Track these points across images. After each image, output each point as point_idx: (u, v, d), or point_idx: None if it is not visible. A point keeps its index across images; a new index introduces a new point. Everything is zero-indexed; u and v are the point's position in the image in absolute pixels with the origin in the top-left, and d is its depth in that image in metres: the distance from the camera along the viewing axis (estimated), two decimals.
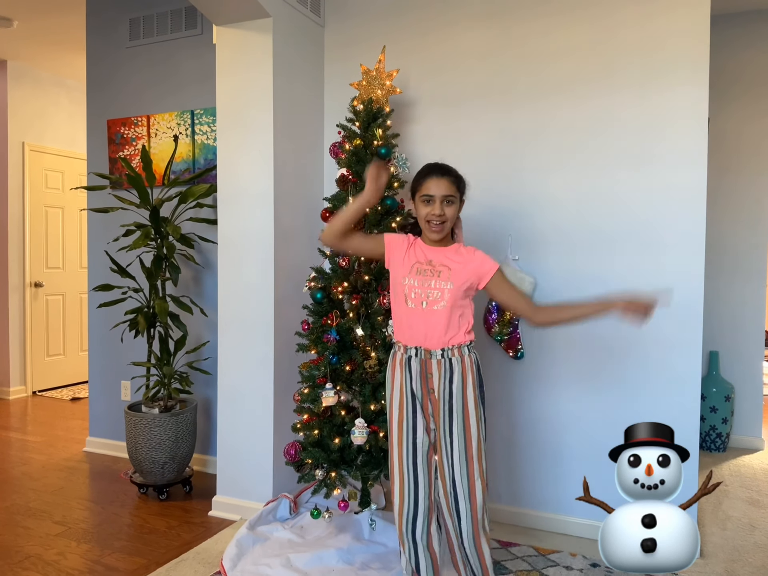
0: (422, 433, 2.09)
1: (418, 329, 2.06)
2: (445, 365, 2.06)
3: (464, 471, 2.05)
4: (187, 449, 3.26)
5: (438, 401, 2.06)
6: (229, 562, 2.48)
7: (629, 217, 2.72)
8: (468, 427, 2.05)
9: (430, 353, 2.05)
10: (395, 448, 2.11)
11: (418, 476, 2.09)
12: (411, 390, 2.08)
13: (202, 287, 3.70)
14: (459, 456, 2.04)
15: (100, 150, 3.99)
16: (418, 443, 2.09)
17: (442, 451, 2.07)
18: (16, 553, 2.64)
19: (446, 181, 2.06)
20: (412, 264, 2.09)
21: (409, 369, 2.08)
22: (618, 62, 2.72)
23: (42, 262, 5.62)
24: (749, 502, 3.23)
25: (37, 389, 5.59)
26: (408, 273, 2.08)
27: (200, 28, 3.59)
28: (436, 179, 2.05)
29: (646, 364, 2.71)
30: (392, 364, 2.14)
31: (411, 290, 2.06)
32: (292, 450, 2.64)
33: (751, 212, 4.10)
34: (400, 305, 2.10)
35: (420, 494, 2.10)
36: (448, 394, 2.05)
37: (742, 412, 4.15)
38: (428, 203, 2.06)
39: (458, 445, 2.04)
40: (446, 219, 2.06)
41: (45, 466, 3.72)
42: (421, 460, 2.09)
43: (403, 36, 3.12)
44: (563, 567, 2.53)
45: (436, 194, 2.04)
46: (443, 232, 2.08)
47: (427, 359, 2.05)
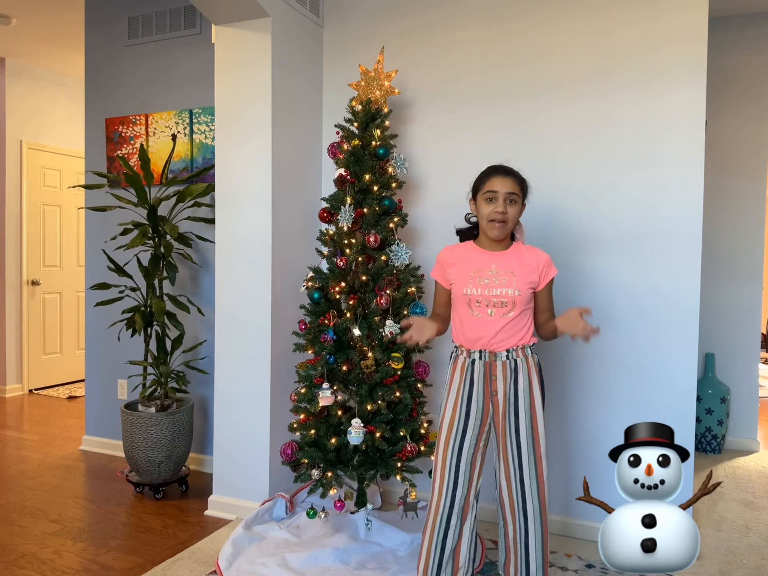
0: (471, 437, 2.09)
1: (484, 335, 2.06)
2: (510, 366, 2.06)
3: (533, 471, 2.05)
4: (183, 448, 3.26)
5: (501, 403, 2.07)
6: (224, 561, 2.48)
7: (626, 217, 2.73)
8: (536, 428, 2.06)
9: (495, 355, 2.05)
10: (441, 447, 2.12)
11: (459, 478, 2.09)
12: (469, 393, 2.09)
13: (199, 286, 3.70)
14: (528, 456, 2.05)
15: (98, 148, 3.98)
16: (464, 446, 2.09)
17: (508, 453, 2.08)
18: (11, 552, 2.64)
19: (510, 180, 2.06)
20: (471, 273, 2.09)
21: (471, 372, 2.08)
22: (616, 63, 2.73)
23: (39, 260, 5.61)
24: (744, 503, 3.24)
25: (33, 387, 5.58)
26: (468, 283, 2.07)
27: (199, 28, 3.59)
28: (501, 178, 2.06)
29: (642, 366, 2.72)
30: (452, 367, 2.15)
31: (474, 299, 2.06)
32: (288, 449, 2.64)
33: (747, 214, 4.11)
34: (464, 314, 2.09)
35: (457, 494, 2.10)
36: (513, 396, 2.06)
37: (737, 414, 4.16)
38: (491, 201, 2.05)
39: (527, 445, 2.05)
40: (508, 218, 2.05)
41: (41, 464, 3.72)
42: (464, 463, 2.10)
43: (402, 36, 3.12)
44: (558, 568, 2.54)
45: (500, 191, 2.04)
46: (504, 231, 2.07)
47: (492, 361, 2.06)
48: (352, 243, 2.65)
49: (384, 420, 2.59)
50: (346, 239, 2.65)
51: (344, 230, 2.65)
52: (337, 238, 2.68)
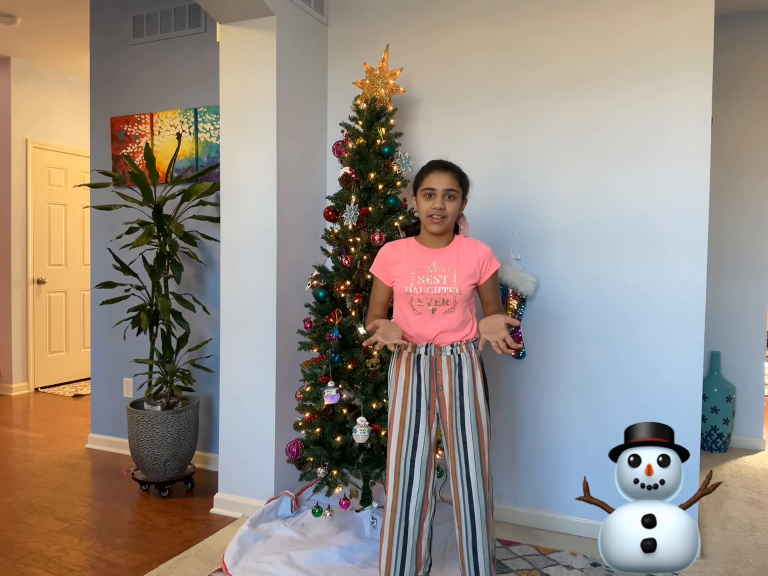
0: (424, 432, 2.08)
1: (428, 331, 2.06)
2: (455, 361, 2.07)
3: (479, 466, 2.05)
4: (188, 446, 3.27)
5: (447, 398, 2.07)
6: (230, 559, 2.48)
7: (632, 216, 2.72)
8: (480, 421, 2.06)
9: (440, 350, 2.06)
10: (394, 445, 2.11)
11: (414, 475, 2.08)
12: (417, 388, 2.08)
13: (204, 285, 3.71)
14: (473, 450, 2.05)
15: (103, 147, 3.99)
16: (418, 442, 2.09)
17: (454, 447, 2.07)
18: (18, 549, 2.65)
19: (448, 176, 2.07)
20: (412, 270, 2.09)
21: (417, 367, 2.08)
22: (622, 61, 2.72)
23: (45, 259, 5.63)
24: (750, 502, 3.23)
25: (39, 386, 5.61)
26: (409, 282, 2.07)
27: (204, 26, 3.60)
28: (438, 174, 2.06)
29: (648, 364, 2.71)
30: (396, 362, 2.14)
31: (415, 298, 2.06)
32: (293, 448, 2.65)
33: (753, 212, 4.09)
34: (407, 312, 2.09)
35: (413, 491, 2.08)
36: (458, 390, 2.06)
37: (743, 413, 4.15)
38: (430, 197, 2.06)
39: (472, 439, 2.05)
40: (447, 214, 2.06)
41: (47, 462, 3.73)
42: (420, 459, 2.08)
43: (407, 34, 3.12)
44: (564, 566, 2.54)
45: (437, 188, 2.05)
46: (443, 226, 2.07)
47: (437, 356, 2.06)
48: (357, 241, 2.65)
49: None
50: (351, 238, 2.65)
51: (349, 229, 2.65)
52: (342, 236, 2.68)
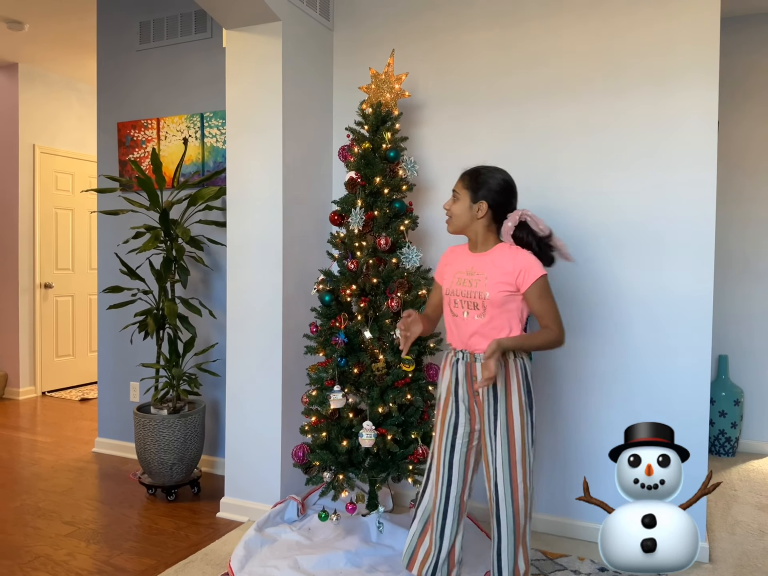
0: (462, 433, 2.09)
1: (461, 334, 2.08)
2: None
3: (507, 475, 2.01)
4: (195, 451, 3.28)
5: (483, 404, 2.06)
6: (237, 563, 2.48)
7: (638, 217, 2.72)
8: (512, 432, 2.01)
9: (475, 356, 2.06)
10: (435, 444, 2.13)
11: (452, 475, 2.08)
12: (456, 390, 2.10)
13: (211, 289, 3.72)
14: (502, 460, 2.02)
15: (110, 152, 4.01)
16: (456, 443, 2.09)
17: (487, 453, 2.06)
18: (26, 553, 2.66)
19: (459, 178, 2.12)
20: (453, 275, 2.13)
21: (456, 371, 2.10)
22: (628, 64, 2.72)
23: (52, 264, 5.66)
24: (759, 507, 3.21)
25: (46, 390, 5.63)
26: (450, 285, 2.12)
27: (210, 32, 3.61)
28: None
29: (655, 368, 2.70)
30: (443, 364, 2.18)
31: (452, 300, 2.10)
32: (300, 452, 2.65)
33: (760, 214, 4.08)
34: (447, 314, 2.14)
35: (452, 493, 2.08)
36: (492, 398, 2.04)
37: (751, 417, 4.13)
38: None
39: (501, 448, 2.02)
40: (452, 214, 2.11)
41: (54, 466, 3.75)
42: (458, 460, 2.08)
43: (412, 39, 3.13)
44: (571, 571, 2.52)
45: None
46: (450, 226, 2.13)
47: (472, 362, 2.06)
48: (362, 246, 2.65)
49: (395, 422, 2.59)
50: (357, 242, 2.66)
51: (355, 233, 2.65)
52: (347, 240, 2.68)
